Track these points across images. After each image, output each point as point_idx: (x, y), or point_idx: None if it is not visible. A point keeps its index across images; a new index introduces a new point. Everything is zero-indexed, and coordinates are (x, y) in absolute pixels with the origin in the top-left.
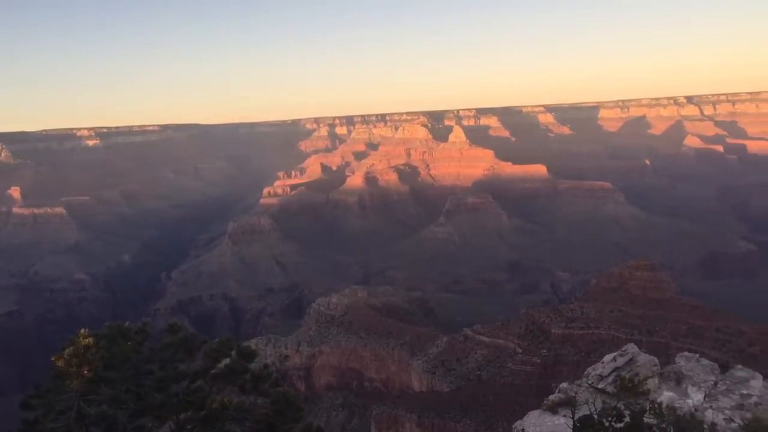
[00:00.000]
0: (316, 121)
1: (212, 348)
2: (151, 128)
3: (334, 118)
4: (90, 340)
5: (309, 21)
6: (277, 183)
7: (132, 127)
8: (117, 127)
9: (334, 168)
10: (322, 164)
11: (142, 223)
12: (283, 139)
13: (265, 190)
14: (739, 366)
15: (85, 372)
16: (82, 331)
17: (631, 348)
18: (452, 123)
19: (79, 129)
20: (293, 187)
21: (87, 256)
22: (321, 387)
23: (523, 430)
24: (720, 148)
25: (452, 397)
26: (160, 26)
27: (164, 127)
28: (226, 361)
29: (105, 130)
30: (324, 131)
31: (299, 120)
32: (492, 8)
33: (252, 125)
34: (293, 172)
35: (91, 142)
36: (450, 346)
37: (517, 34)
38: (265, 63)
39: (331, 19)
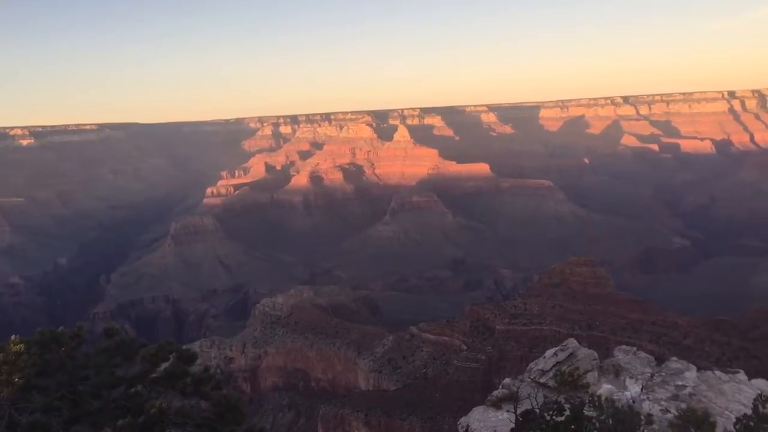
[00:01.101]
0: (260, 120)
1: (150, 352)
2: (88, 127)
3: (278, 117)
4: (21, 346)
5: (252, 20)
6: (220, 183)
7: (68, 126)
8: (52, 126)
9: (279, 167)
10: (266, 163)
11: (79, 225)
12: (227, 138)
13: (208, 190)
14: (674, 358)
15: (16, 380)
16: (13, 337)
17: (572, 343)
18: (397, 122)
19: (12, 128)
20: (237, 186)
21: (21, 259)
22: (267, 388)
23: (467, 426)
24: (655, 147)
25: (399, 395)
26: (96, 22)
27: (102, 126)
28: (166, 364)
29: (40, 129)
30: (268, 130)
31: (243, 119)
32: (433, 9)
33: (194, 124)
34: (237, 172)
35: (25, 142)
36: (396, 344)
37: (460, 35)
38: (208, 61)
39: (275, 19)
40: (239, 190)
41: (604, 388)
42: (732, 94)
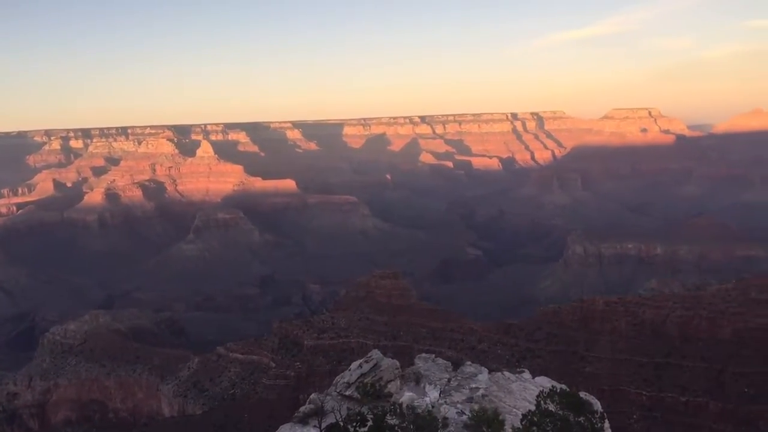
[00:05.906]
0: (47, 133)
1: None
2: None
3: (67, 131)
4: None
5: (39, 23)
6: (0, 201)
7: None
8: None
9: (69, 184)
10: (54, 180)
11: None
12: (7, 152)
13: None
14: (469, 362)
15: None
16: None
17: (376, 354)
18: (199, 137)
19: None
20: (20, 205)
21: None
22: (58, 423)
23: None
24: (450, 164)
25: (205, 418)
26: None
27: None
28: None
29: None
30: (56, 144)
31: (26, 132)
32: (233, 25)
33: None
34: (20, 189)
35: None
36: (202, 366)
37: (264, 51)
38: None
39: (61, 22)
40: (23, 209)
41: (406, 396)
42: (515, 116)
